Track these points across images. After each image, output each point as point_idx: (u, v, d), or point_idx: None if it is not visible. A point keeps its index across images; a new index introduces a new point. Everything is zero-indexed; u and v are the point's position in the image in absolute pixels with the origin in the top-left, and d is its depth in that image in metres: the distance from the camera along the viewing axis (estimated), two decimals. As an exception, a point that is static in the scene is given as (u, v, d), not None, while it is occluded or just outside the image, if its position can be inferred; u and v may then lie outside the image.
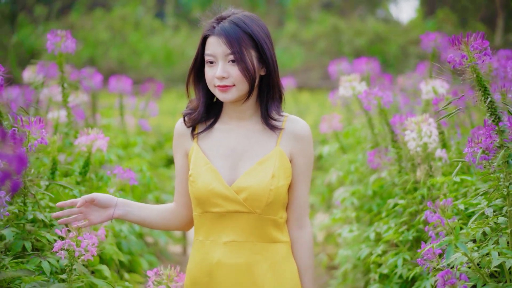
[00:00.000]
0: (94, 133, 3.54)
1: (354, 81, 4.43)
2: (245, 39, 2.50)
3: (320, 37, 19.95)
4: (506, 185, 2.42)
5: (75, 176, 3.65)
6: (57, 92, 4.98)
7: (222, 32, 2.50)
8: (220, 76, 2.50)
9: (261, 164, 2.55)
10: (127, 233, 4.23)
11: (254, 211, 2.53)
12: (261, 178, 2.52)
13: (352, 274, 4.37)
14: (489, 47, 2.41)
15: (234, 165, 2.58)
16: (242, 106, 2.61)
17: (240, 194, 2.52)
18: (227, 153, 2.60)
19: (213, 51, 2.52)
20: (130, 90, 6.36)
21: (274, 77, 2.58)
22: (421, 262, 2.71)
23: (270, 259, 2.57)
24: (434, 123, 3.55)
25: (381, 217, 3.87)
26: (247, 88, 2.53)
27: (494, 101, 2.44)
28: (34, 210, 3.06)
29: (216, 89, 2.54)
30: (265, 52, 2.53)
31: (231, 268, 2.56)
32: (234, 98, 2.54)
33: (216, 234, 2.58)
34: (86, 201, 2.58)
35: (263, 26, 2.59)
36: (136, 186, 4.37)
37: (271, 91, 2.59)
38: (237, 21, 2.52)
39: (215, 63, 2.53)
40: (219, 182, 2.54)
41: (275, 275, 2.57)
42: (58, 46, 3.98)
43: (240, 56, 2.49)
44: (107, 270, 3.25)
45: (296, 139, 2.60)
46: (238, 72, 2.50)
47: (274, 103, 2.61)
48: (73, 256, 2.67)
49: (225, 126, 2.66)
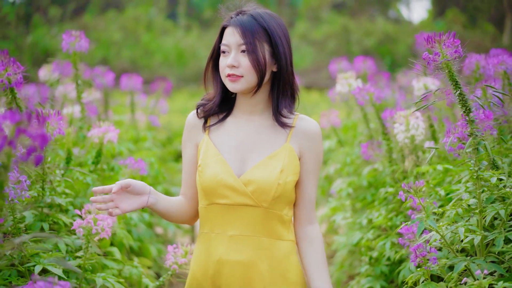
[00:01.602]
0: (105, 126, 3.83)
1: (350, 78, 4.70)
2: (260, 32, 2.55)
3: (330, 37, 20.19)
4: (475, 169, 2.68)
5: (88, 166, 3.94)
6: (72, 89, 5.29)
7: (238, 23, 2.57)
8: (230, 64, 2.55)
9: (270, 158, 2.59)
10: (137, 221, 4.51)
11: (260, 204, 2.56)
12: (270, 171, 2.56)
13: (349, 260, 4.63)
14: (460, 46, 2.66)
15: (243, 158, 2.61)
16: (253, 99, 2.65)
17: (248, 186, 2.55)
18: (237, 146, 2.63)
19: (228, 40, 2.58)
20: (140, 88, 6.67)
21: (285, 74, 2.61)
22: (402, 241, 2.99)
23: (272, 257, 2.60)
24: (421, 117, 3.82)
25: (374, 205, 4.13)
26: (256, 80, 2.57)
27: (464, 94, 2.69)
28: (51, 195, 3.34)
29: (227, 79, 2.59)
30: (278, 48, 2.57)
31: (233, 265, 2.58)
32: (243, 89, 2.58)
33: (222, 227, 2.60)
34: (122, 186, 2.54)
35: (281, 24, 2.63)
36: (145, 177, 4.65)
37: (281, 88, 2.63)
38: (255, 15, 2.58)
39: (229, 53, 2.58)
40: (227, 173, 2.57)
41: (277, 273, 2.61)
42: (72, 45, 4.27)
43: (252, 47, 2.53)
44: (118, 252, 3.52)
45: (305, 137, 2.64)
46: (248, 63, 2.54)
47: (286, 100, 2.65)
48: (91, 234, 2.95)
49: (236, 119, 2.69)
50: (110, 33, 19.68)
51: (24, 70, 3.30)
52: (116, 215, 2.59)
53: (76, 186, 3.67)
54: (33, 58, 15.25)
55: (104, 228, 2.99)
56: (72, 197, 3.58)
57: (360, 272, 3.91)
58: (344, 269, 4.71)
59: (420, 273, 2.56)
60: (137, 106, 6.72)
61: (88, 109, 5.05)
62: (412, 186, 2.53)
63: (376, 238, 3.92)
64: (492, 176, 2.70)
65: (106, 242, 3.50)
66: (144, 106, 6.95)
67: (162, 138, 7.40)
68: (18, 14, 18.61)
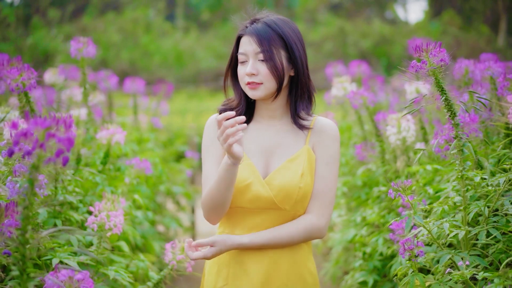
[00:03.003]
0: (113, 128, 4.04)
1: (346, 82, 4.91)
2: (275, 39, 2.60)
3: (327, 39, 20.37)
4: (460, 169, 2.89)
5: (96, 166, 4.15)
6: (77, 93, 5.51)
7: (253, 31, 2.61)
8: (249, 72, 2.60)
9: (291, 162, 2.64)
10: (142, 219, 4.72)
11: (283, 207, 2.61)
12: (291, 175, 2.60)
13: (344, 256, 4.84)
14: (446, 54, 2.87)
15: (266, 163, 2.66)
16: (272, 105, 2.70)
17: (272, 190, 2.60)
18: (260, 151, 2.68)
19: (245, 49, 2.62)
20: (143, 90, 6.89)
21: (302, 77, 2.66)
22: (392, 237, 3.20)
23: (292, 258, 2.66)
24: (412, 120, 4.03)
25: (368, 203, 4.35)
26: (275, 86, 2.62)
27: (450, 99, 2.89)
28: (63, 194, 3.55)
29: (247, 87, 2.63)
30: (294, 53, 2.63)
31: (254, 265, 2.63)
32: (263, 96, 2.63)
33: (243, 229, 2.66)
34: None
35: (295, 29, 2.68)
36: (150, 176, 4.86)
37: (299, 91, 2.68)
38: (269, 23, 2.62)
39: (247, 61, 2.63)
40: (256, 178, 2.61)
41: (296, 275, 2.67)
42: (80, 51, 4.47)
43: (270, 54, 2.58)
44: (126, 245, 3.73)
45: (319, 133, 2.68)
46: (266, 70, 2.59)
47: (303, 103, 2.70)
48: (104, 229, 3.15)
49: (258, 125, 2.74)
50: (109, 35, 19.84)
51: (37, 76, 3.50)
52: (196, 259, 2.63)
53: (85, 185, 3.88)
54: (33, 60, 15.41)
55: (116, 224, 3.20)
56: (82, 196, 3.79)
57: (354, 267, 4.11)
58: (339, 264, 4.92)
59: (409, 265, 2.76)
60: (139, 108, 6.94)
61: (94, 111, 5.26)
62: (401, 185, 2.73)
63: (369, 235, 4.12)
64: (476, 175, 2.91)
65: (114, 237, 3.70)
66: (146, 108, 7.17)
67: (164, 139, 7.62)
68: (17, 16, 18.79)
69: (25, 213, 1.86)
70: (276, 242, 2.63)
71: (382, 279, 3.93)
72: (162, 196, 6.27)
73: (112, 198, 3.29)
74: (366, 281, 3.92)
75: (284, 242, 2.63)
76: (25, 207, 1.86)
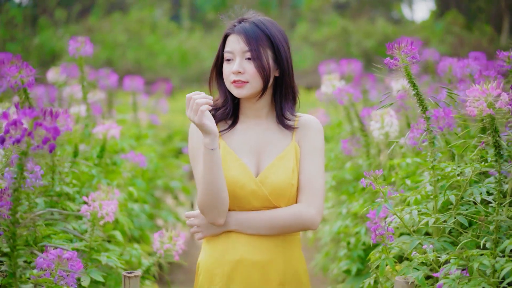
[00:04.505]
0: (109, 123, 4.24)
1: (334, 80, 5.09)
2: (263, 39, 2.64)
3: (330, 39, 20.51)
4: (431, 160, 3.07)
5: (93, 159, 4.34)
6: (78, 90, 5.71)
7: (242, 30, 2.65)
8: (236, 71, 2.63)
9: (280, 159, 2.68)
10: (138, 211, 4.91)
11: (278, 205, 2.66)
12: (283, 172, 2.66)
13: (334, 248, 5.01)
14: (417, 52, 3.04)
15: (257, 161, 2.71)
16: (257, 104, 2.74)
17: (265, 188, 2.65)
18: (250, 150, 2.72)
19: (232, 47, 2.66)
20: (142, 88, 7.11)
21: (287, 78, 2.71)
22: (369, 225, 3.38)
23: (285, 252, 2.71)
24: (395, 115, 4.21)
25: (355, 196, 4.53)
26: (261, 85, 2.66)
27: (421, 94, 3.07)
28: (60, 185, 3.74)
29: (232, 85, 2.67)
30: (280, 54, 2.67)
31: (253, 265, 2.67)
32: (248, 95, 2.67)
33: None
34: None
35: (281, 30, 2.72)
36: (145, 170, 5.05)
37: (284, 91, 2.73)
38: (257, 22, 2.67)
39: (233, 60, 2.66)
40: (249, 177, 2.66)
41: (291, 269, 2.73)
42: (78, 50, 4.67)
43: (257, 53, 2.62)
44: (120, 235, 3.91)
45: (302, 128, 2.74)
46: (253, 69, 2.63)
47: (288, 103, 2.76)
48: (96, 218, 3.34)
49: (244, 125, 2.77)
50: (115, 35, 20.02)
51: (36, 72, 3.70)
52: (199, 239, 2.76)
53: (82, 177, 4.07)
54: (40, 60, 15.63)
55: (108, 212, 3.38)
56: (78, 187, 3.98)
57: (339, 256, 4.29)
58: (329, 256, 5.09)
59: (379, 249, 2.94)
60: (139, 106, 7.15)
61: (93, 108, 5.46)
62: (372, 174, 2.91)
63: (355, 226, 4.30)
64: (447, 166, 3.09)
65: (109, 227, 3.89)
66: (146, 106, 7.39)
67: (163, 136, 7.82)
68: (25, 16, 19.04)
69: (15, 195, 2.05)
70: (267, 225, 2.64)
71: (365, 267, 4.11)
72: (161, 191, 6.46)
73: (106, 189, 3.48)
74: (350, 270, 4.09)
75: (275, 224, 2.64)
76: (15, 190, 2.05)
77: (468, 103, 2.50)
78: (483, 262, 2.43)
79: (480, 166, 2.83)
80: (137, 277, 2.63)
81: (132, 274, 2.62)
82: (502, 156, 2.53)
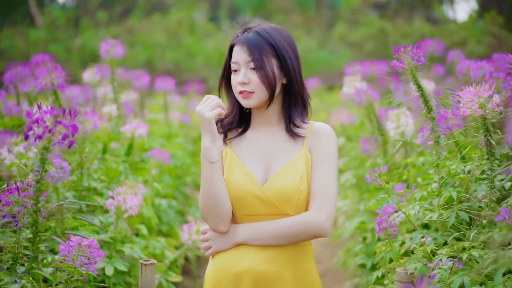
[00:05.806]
0: (136, 122, 4.47)
1: (356, 81, 5.23)
2: (266, 48, 2.62)
3: (367, 39, 20.51)
4: (435, 159, 3.21)
5: (121, 157, 4.57)
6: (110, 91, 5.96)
7: (244, 41, 2.63)
8: (241, 81, 2.62)
9: (289, 166, 2.65)
10: (166, 207, 5.12)
11: (286, 212, 2.63)
12: (291, 178, 2.63)
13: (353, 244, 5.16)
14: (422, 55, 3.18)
15: (266, 168, 2.68)
16: (267, 113, 2.73)
17: (271, 193, 2.61)
18: (259, 157, 2.70)
19: (237, 58, 2.65)
20: (174, 89, 7.35)
21: (295, 85, 2.68)
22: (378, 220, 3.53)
23: (295, 263, 2.66)
24: (411, 115, 4.35)
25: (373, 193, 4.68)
26: (266, 95, 2.64)
27: (426, 95, 3.21)
28: (88, 180, 3.97)
29: (239, 96, 2.66)
30: (286, 61, 2.64)
31: (260, 276, 2.63)
32: (255, 104, 2.66)
33: None
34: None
35: (287, 37, 2.69)
36: (173, 168, 5.26)
37: (292, 99, 2.71)
38: (260, 31, 2.65)
39: (239, 70, 2.65)
40: (253, 183, 2.63)
41: (301, 281, 2.68)
42: (109, 52, 4.91)
43: (260, 63, 2.60)
44: (144, 229, 4.13)
45: (314, 136, 2.70)
46: (257, 79, 2.61)
47: (297, 110, 2.73)
48: (120, 211, 3.56)
49: (255, 132, 2.76)
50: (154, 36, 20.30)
51: (67, 74, 3.94)
52: (208, 254, 2.74)
53: (110, 174, 4.30)
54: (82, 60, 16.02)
55: (132, 206, 3.60)
56: (106, 183, 4.21)
57: (355, 251, 4.44)
58: (350, 252, 5.24)
59: (384, 242, 3.10)
60: (171, 106, 7.38)
61: (125, 108, 5.70)
62: (377, 171, 3.06)
63: (371, 222, 4.45)
64: (452, 164, 3.23)
65: (134, 220, 4.11)
66: (178, 106, 7.62)
67: (194, 135, 8.04)
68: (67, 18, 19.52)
69: (37, 186, 2.27)
70: (275, 234, 2.62)
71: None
72: (190, 188, 6.66)
73: (131, 184, 3.70)
74: (365, 264, 4.24)
75: (284, 233, 2.62)
76: (37, 181, 2.27)
77: (461, 104, 2.65)
78: (472, 254, 2.58)
79: (480, 164, 2.96)
80: (152, 265, 2.82)
81: (148, 262, 2.82)
82: (494, 154, 2.67)
